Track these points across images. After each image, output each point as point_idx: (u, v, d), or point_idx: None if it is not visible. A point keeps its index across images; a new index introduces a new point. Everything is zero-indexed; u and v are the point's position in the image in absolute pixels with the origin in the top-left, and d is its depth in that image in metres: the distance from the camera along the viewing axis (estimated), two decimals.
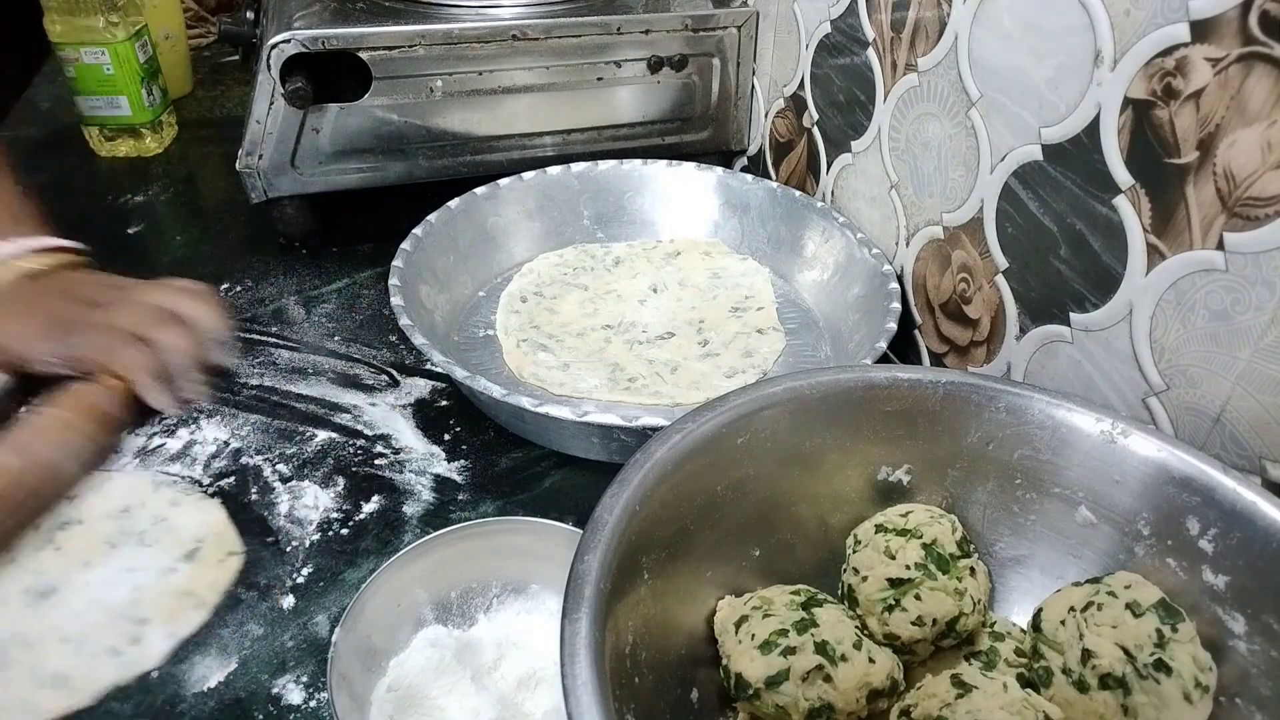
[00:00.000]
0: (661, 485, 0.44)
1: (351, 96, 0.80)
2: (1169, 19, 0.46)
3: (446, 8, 0.82)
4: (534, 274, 0.82)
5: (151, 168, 1.00)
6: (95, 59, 0.93)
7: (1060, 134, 0.54)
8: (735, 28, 0.87)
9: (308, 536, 0.59)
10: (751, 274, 0.82)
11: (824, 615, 0.45)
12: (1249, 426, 0.46)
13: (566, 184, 0.86)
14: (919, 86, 0.67)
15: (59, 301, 0.53)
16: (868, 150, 0.75)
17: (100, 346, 0.50)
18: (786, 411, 0.49)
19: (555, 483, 0.64)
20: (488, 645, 0.51)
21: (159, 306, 0.52)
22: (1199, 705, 0.41)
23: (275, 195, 0.83)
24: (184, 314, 0.52)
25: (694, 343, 0.75)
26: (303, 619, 0.54)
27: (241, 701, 0.50)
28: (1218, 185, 0.45)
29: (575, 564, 0.39)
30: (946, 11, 0.62)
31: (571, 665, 0.35)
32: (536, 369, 0.71)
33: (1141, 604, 0.43)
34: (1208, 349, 0.47)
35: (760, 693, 0.43)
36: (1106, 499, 0.48)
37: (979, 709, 0.41)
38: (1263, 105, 0.42)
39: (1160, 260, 0.49)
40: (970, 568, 0.48)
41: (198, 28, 1.26)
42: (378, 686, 0.48)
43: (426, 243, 0.76)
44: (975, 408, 0.50)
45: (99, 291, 0.54)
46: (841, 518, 0.51)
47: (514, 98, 0.84)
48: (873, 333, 0.67)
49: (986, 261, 0.62)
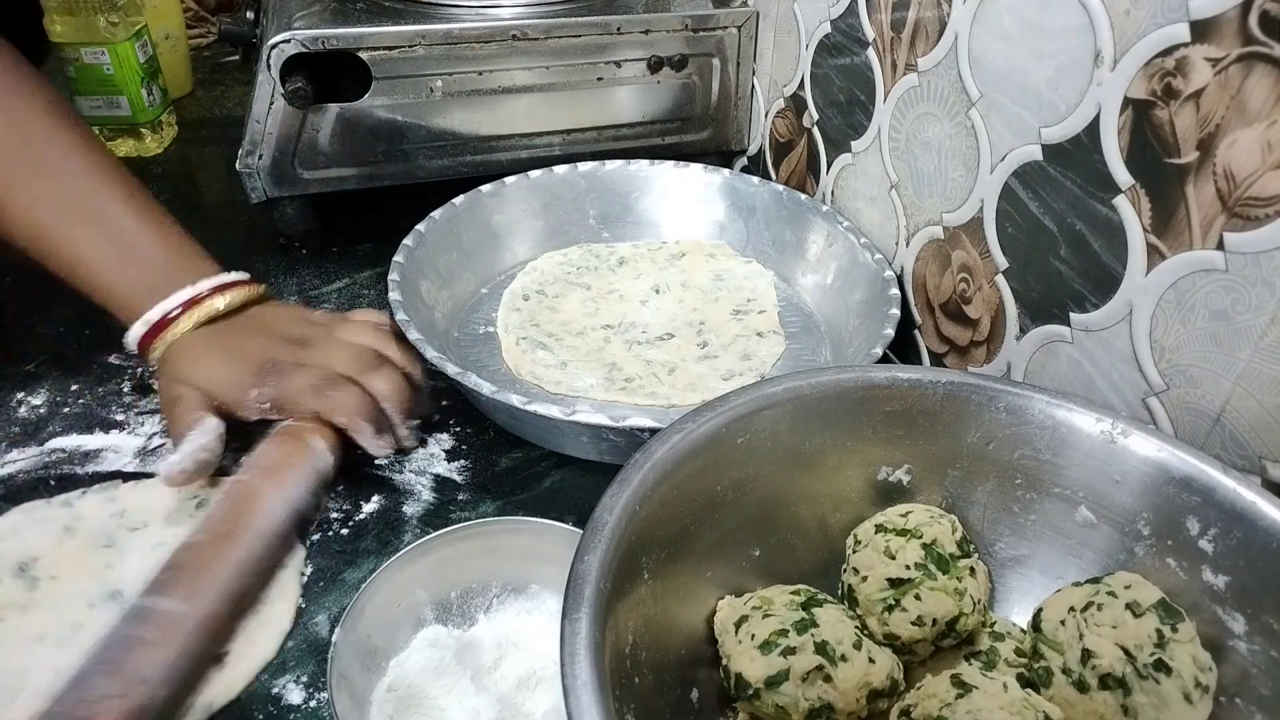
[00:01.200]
0: (661, 485, 0.44)
1: (351, 96, 0.80)
2: (1169, 19, 0.46)
3: (446, 8, 0.82)
4: (537, 272, 0.82)
5: (151, 168, 1.00)
6: (95, 59, 0.93)
7: (1060, 134, 0.54)
8: (735, 28, 0.87)
9: (307, 536, 0.59)
10: (755, 277, 0.82)
11: (824, 615, 0.45)
12: (1249, 426, 0.46)
13: (572, 183, 0.85)
14: (919, 86, 0.67)
15: (263, 341, 0.51)
16: (868, 150, 0.75)
17: (309, 390, 0.49)
18: (786, 411, 0.49)
19: (555, 483, 0.64)
20: (488, 645, 0.51)
21: (363, 347, 0.51)
22: (1199, 705, 0.41)
23: (275, 195, 0.83)
24: (386, 355, 0.51)
25: (693, 344, 0.75)
26: (303, 619, 0.54)
27: (241, 701, 0.50)
28: (1218, 185, 0.45)
29: (575, 564, 0.39)
30: (946, 11, 0.62)
31: (571, 665, 0.35)
32: (534, 367, 0.71)
33: (1141, 604, 0.43)
34: (1208, 349, 0.47)
35: (760, 693, 0.43)
36: (1106, 499, 0.48)
37: (979, 709, 0.41)
38: (1263, 105, 0.42)
39: (1160, 260, 0.49)
40: (970, 568, 0.48)
41: (198, 28, 1.26)
42: (378, 686, 0.48)
43: (429, 239, 0.76)
44: (975, 408, 0.50)
45: (298, 329, 0.53)
46: (841, 518, 0.51)
47: (514, 98, 0.84)
48: (872, 338, 0.67)
49: (986, 261, 0.62)
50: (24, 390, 0.69)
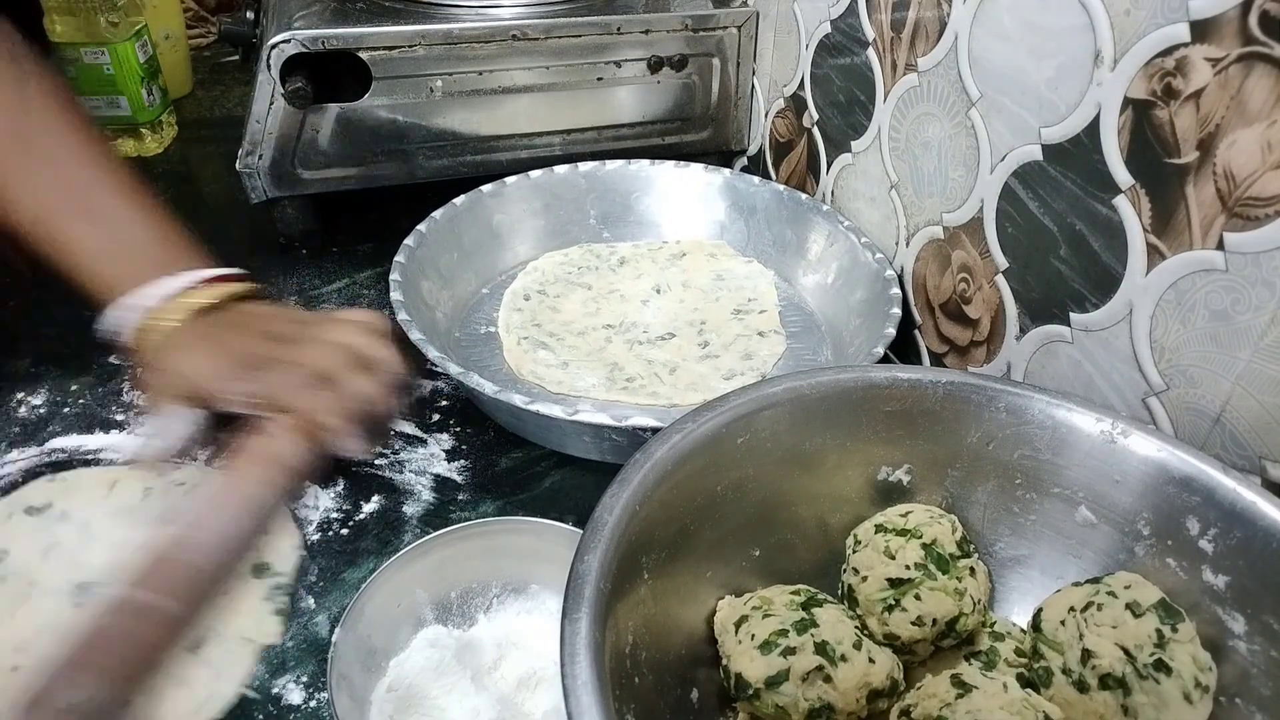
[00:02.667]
0: (661, 485, 0.44)
1: (351, 96, 0.80)
2: (1169, 19, 0.46)
3: (446, 8, 0.82)
4: (538, 272, 0.82)
5: (151, 168, 1.00)
6: (95, 59, 0.93)
7: (1060, 134, 0.54)
8: (735, 28, 0.87)
9: (308, 536, 0.59)
10: (755, 276, 0.82)
11: (824, 615, 0.45)
12: (1249, 426, 0.46)
13: (573, 183, 0.85)
14: (919, 86, 0.67)
15: (247, 337, 0.51)
16: (868, 150, 0.75)
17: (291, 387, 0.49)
18: (786, 411, 0.49)
19: (555, 483, 0.64)
20: (488, 645, 0.51)
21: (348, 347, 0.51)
22: (1199, 705, 0.41)
23: (275, 195, 0.83)
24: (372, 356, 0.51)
25: (694, 344, 0.75)
26: (303, 619, 0.54)
27: (241, 701, 0.50)
28: (1218, 185, 0.45)
29: (575, 564, 0.39)
30: (946, 11, 0.62)
31: (571, 665, 0.35)
32: (535, 367, 0.71)
33: (1141, 604, 0.43)
34: (1208, 349, 0.47)
35: (760, 693, 0.43)
36: (1106, 499, 0.48)
37: (979, 709, 0.41)
38: (1263, 105, 0.42)
39: (1160, 260, 0.49)
40: (970, 568, 0.48)
41: (198, 28, 1.26)
42: (378, 686, 0.48)
43: (430, 239, 0.76)
44: (975, 408, 0.50)
45: (285, 326, 0.53)
46: (841, 518, 0.51)
47: (514, 98, 0.84)
48: (873, 337, 0.67)
49: (986, 261, 0.62)
50: (24, 390, 0.69)
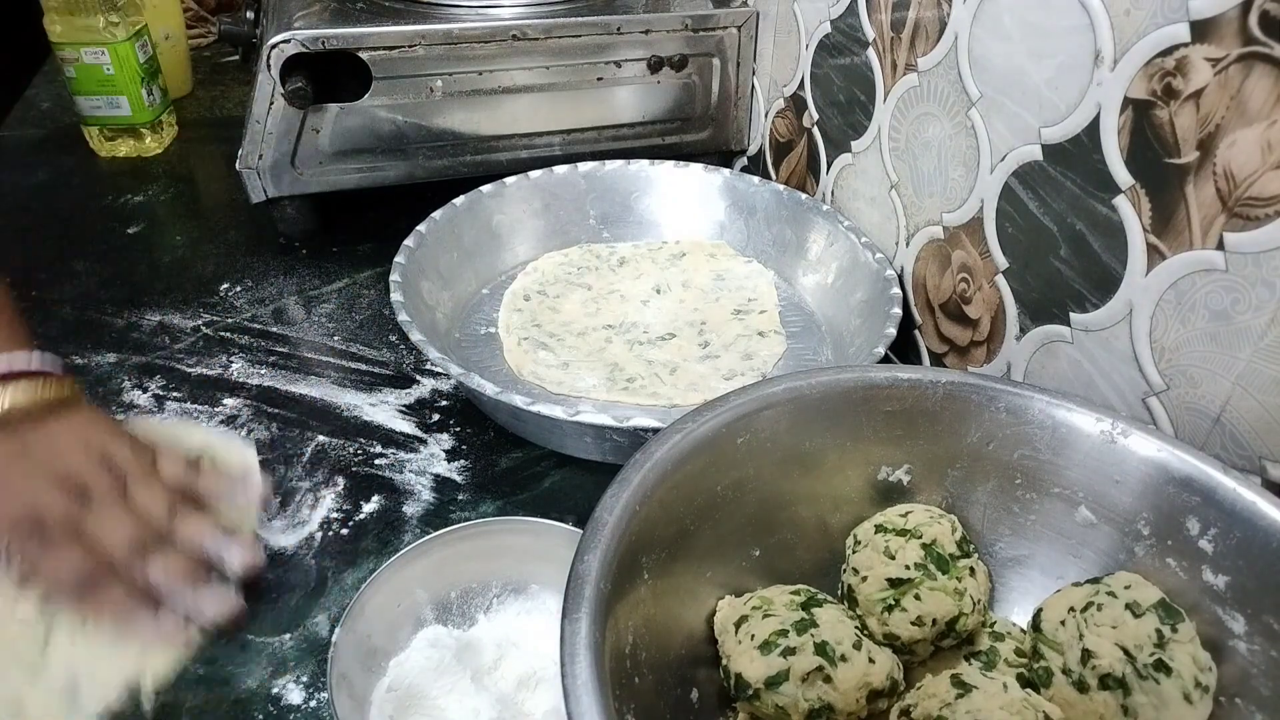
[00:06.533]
0: (661, 485, 0.44)
1: (351, 96, 0.80)
2: (1169, 19, 0.46)
3: (446, 8, 0.82)
4: (538, 272, 0.82)
5: (151, 168, 1.00)
6: (95, 59, 0.93)
7: (1060, 134, 0.54)
8: (735, 28, 0.87)
9: (311, 536, 0.59)
10: (755, 276, 0.82)
11: (824, 615, 0.45)
12: (1249, 426, 0.46)
13: (573, 183, 0.85)
14: (919, 86, 0.67)
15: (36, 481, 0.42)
16: (868, 150, 0.75)
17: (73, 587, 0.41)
18: (786, 411, 0.49)
19: (555, 483, 0.64)
20: (488, 645, 0.51)
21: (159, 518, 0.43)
22: (1199, 705, 0.41)
23: (275, 195, 0.83)
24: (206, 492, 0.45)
25: (694, 344, 0.75)
26: (303, 619, 0.54)
27: (241, 701, 0.50)
28: (1218, 185, 0.45)
29: (575, 564, 0.39)
30: (946, 11, 0.62)
31: (571, 665, 0.35)
32: (536, 367, 0.71)
33: (1141, 604, 0.43)
34: (1208, 349, 0.47)
35: (760, 693, 0.43)
36: (1106, 499, 0.48)
37: (979, 709, 0.41)
38: (1263, 105, 0.42)
39: (1160, 260, 0.49)
40: (970, 568, 0.48)
41: (198, 28, 1.26)
42: (378, 686, 0.48)
43: (430, 239, 0.76)
44: (975, 408, 0.50)
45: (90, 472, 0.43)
46: (841, 518, 0.51)
47: (514, 98, 0.84)
48: (873, 337, 0.67)
49: (986, 261, 0.62)
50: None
